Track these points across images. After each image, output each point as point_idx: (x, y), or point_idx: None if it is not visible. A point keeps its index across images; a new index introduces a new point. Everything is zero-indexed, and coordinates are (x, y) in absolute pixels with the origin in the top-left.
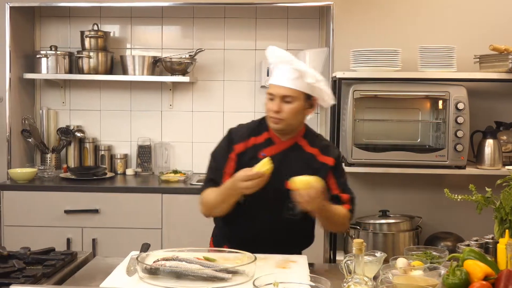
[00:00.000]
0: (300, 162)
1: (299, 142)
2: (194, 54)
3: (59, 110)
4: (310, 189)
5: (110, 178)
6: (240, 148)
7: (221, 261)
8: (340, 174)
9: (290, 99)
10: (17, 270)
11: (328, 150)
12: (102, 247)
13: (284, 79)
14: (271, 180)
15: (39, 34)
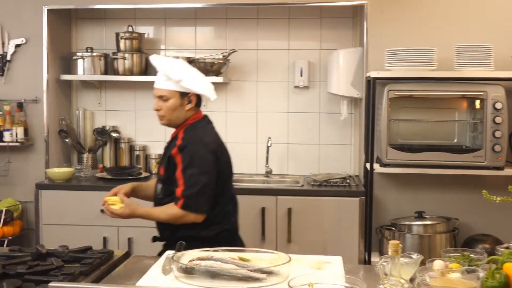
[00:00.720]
0: (169, 150)
1: (179, 134)
2: (228, 54)
3: (95, 111)
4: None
5: (144, 178)
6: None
7: (255, 261)
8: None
9: (166, 98)
10: (56, 268)
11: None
12: (138, 246)
13: (158, 82)
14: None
15: (75, 36)
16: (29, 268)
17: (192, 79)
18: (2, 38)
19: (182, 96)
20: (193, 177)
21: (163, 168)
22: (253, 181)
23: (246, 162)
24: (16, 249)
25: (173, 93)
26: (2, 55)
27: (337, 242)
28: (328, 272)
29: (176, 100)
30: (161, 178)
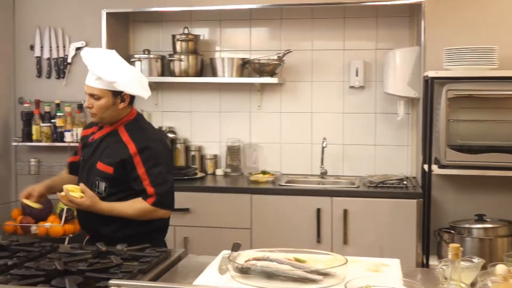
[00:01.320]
0: (112, 147)
1: (119, 130)
2: (282, 55)
3: (152, 112)
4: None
5: (200, 178)
6: (83, 133)
7: (311, 263)
8: (151, 165)
9: (97, 97)
10: (115, 266)
11: (137, 137)
12: (193, 245)
13: (90, 80)
14: (89, 160)
15: (133, 38)
16: (89, 265)
17: (125, 79)
18: (63, 41)
19: (115, 95)
20: (161, 175)
21: (112, 168)
22: (308, 182)
23: (301, 163)
24: (77, 246)
25: (105, 92)
26: (63, 58)
27: (394, 245)
28: (386, 275)
29: (108, 99)
30: (107, 176)
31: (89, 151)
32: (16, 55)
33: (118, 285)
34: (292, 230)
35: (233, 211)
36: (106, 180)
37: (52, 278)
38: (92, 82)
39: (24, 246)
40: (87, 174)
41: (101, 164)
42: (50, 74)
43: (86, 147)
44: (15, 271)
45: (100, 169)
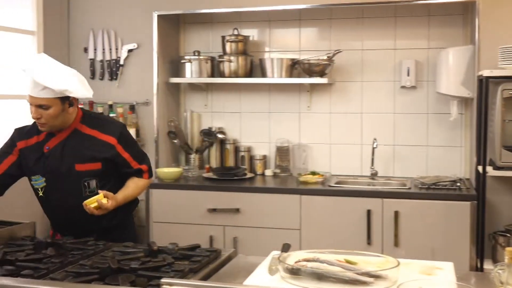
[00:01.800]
0: (83, 145)
1: (78, 128)
2: (332, 55)
3: (202, 113)
4: (96, 205)
5: (250, 179)
6: (22, 145)
7: (362, 265)
8: (131, 147)
9: (46, 107)
10: (167, 265)
11: (108, 129)
12: (242, 245)
13: (35, 91)
14: (61, 167)
15: (183, 40)
16: (142, 264)
17: (74, 84)
18: (116, 43)
19: (63, 101)
20: (139, 152)
21: (100, 163)
22: (358, 183)
23: (351, 164)
24: (130, 245)
25: (54, 101)
26: (116, 60)
27: (447, 248)
28: (439, 278)
29: (57, 107)
30: (95, 173)
31: (54, 160)
32: (71, 57)
33: (170, 283)
34: (342, 231)
35: (282, 211)
36: (95, 177)
37: (105, 276)
38: (37, 93)
39: (78, 244)
40: (64, 181)
41: (81, 165)
42: (103, 76)
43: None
44: (70, 268)
45: (83, 170)
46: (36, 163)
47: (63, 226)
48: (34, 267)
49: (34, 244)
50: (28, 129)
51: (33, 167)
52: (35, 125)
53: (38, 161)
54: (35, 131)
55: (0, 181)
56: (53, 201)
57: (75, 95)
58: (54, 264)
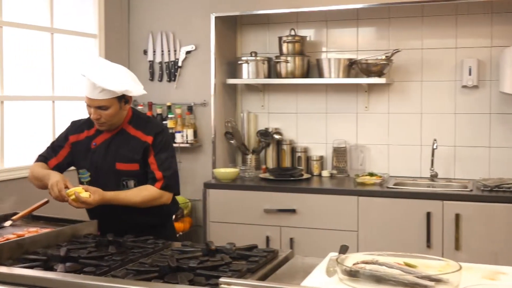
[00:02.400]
0: (126, 145)
1: (125, 128)
2: (391, 55)
3: (259, 113)
4: (74, 197)
5: (306, 180)
6: (74, 139)
7: (422, 268)
8: (158, 151)
9: (105, 107)
10: (224, 264)
11: (149, 130)
12: (299, 246)
13: (94, 93)
14: (103, 164)
15: (240, 41)
16: (200, 263)
17: (131, 84)
18: (174, 45)
19: (120, 100)
20: (167, 160)
21: (137, 164)
22: (417, 185)
23: (410, 165)
24: (188, 244)
25: (112, 101)
26: (174, 62)
27: (510, 252)
28: (503, 283)
29: (115, 106)
30: (134, 174)
31: (99, 156)
32: (131, 59)
33: (228, 283)
34: (400, 234)
35: (339, 213)
36: (133, 177)
37: (165, 274)
38: (96, 95)
39: (138, 242)
40: (105, 179)
41: (121, 165)
42: (162, 77)
43: (83, 152)
44: (131, 266)
45: (122, 169)
46: (84, 157)
47: (103, 223)
48: (96, 264)
49: (96, 242)
50: (81, 123)
51: (80, 161)
52: (88, 120)
53: (86, 155)
54: (86, 126)
55: (59, 170)
56: None
57: (133, 94)
58: (115, 262)
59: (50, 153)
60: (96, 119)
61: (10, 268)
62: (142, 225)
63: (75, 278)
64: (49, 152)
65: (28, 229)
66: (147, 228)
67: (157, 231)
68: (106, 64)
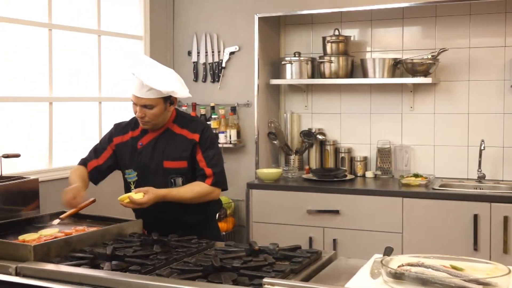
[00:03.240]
0: (172, 143)
1: (170, 127)
2: (437, 54)
3: (302, 114)
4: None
5: (350, 180)
6: (118, 140)
7: (469, 271)
8: (206, 148)
9: (150, 106)
10: (268, 265)
11: (194, 128)
12: (342, 247)
13: (142, 91)
14: (151, 163)
15: (283, 41)
16: (243, 263)
17: (177, 85)
18: (218, 46)
19: (165, 100)
20: (215, 157)
21: (185, 161)
22: (464, 187)
23: (456, 166)
24: (232, 244)
25: (158, 101)
26: (218, 63)
27: None
28: None
29: (161, 106)
30: (182, 171)
31: (146, 156)
32: (175, 60)
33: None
34: (446, 236)
35: (383, 214)
36: (181, 175)
37: (208, 274)
38: (144, 94)
39: (182, 242)
40: (153, 177)
41: (169, 163)
42: (206, 78)
43: (129, 153)
44: (175, 265)
45: (170, 167)
46: (130, 157)
47: (149, 221)
48: (141, 263)
49: (141, 241)
50: (124, 125)
51: (127, 161)
52: (132, 122)
53: (132, 156)
54: (130, 127)
55: (98, 172)
56: None
57: (179, 96)
58: (160, 261)
59: (91, 155)
60: (140, 118)
61: (58, 266)
62: (187, 223)
63: (121, 276)
64: (91, 154)
65: (75, 228)
66: (191, 227)
67: (201, 230)
68: (154, 64)
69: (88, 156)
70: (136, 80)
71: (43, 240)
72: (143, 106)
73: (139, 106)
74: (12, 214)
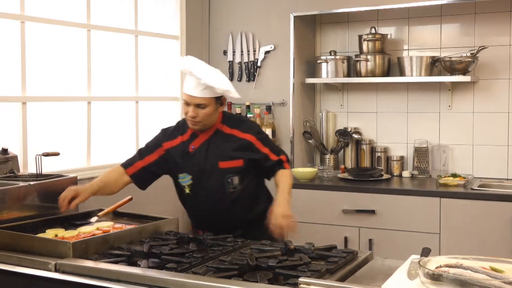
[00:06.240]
0: (225, 144)
1: (220, 128)
2: (476, 52)
3: (337, 113)
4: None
5: (386, 180)
6: (168, 145)
7: (509, 273)
8: (268, 141)
9: (203, 106)
10: (303, 264)
11: (245, 128)
12: (378, 247)
13: (197, 90)
14: (206, 165)
15: (319, 40)
16: (279, 262)
17: (231, 85)
18: (254, 45)
19: (217, 100)
20: (275, 145)
21: (242, 160)
22: (504, 187)
23: (495, 166)
24: (267, 243)
25: (211, 100)
26: (253, 62)
27: None
28: None
29: (212, 106)
30: (238, 170)
31: (200, 158)
32: (211, 60)
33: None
34: (485, 237)
35: (421, 214)
36: (237, 173)
37: (244, 272)
38: (198, 93)
39: (218, 240)
40: (208, 179)
41: (224, 163)
42: (241, 77)
43: (181, 157)
44: (211, 263)
45: (226, 167)
46: (182, 162)
47: (207, 222)
48: (177, 261)
49: (177, 239)
50: (172, 130)
51: (180, 166)
52: (179, 126)
53: (184, 160)
54: (179, 132)
55: (143, 173)
56: (200, 197)
57: (232, 95)
58: (196, 259)
59: (136, 157)
60: (192, 117)
61: (96, 263)
62: (238, 221)
63: (158, 273)
64: (136, 156)
65: (113, 225)
66: (242, 225)
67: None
68: (205, 64)
69: (132, 158)
70: (189, 80)
71: (82, 237)
72: (196, 106)
73: (192, 105)
74: (51, 212)
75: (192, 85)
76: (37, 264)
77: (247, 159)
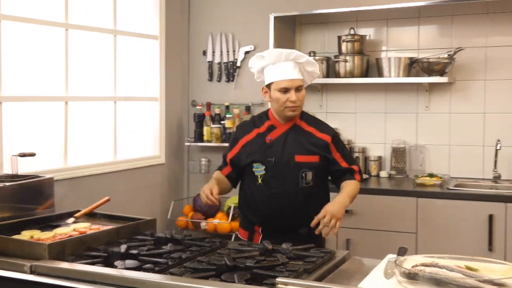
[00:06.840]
0: (303, 138)
1: (298, 123)
2: (453, 53)
3: (317, 113)
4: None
5: (364, 180)
6: (245, 140)
7: (484, 272)
8: (342, 148)
9: (301, 88)
10: (281, 264)
11: (322, 128)
12: (355, 247)
13: (295, 73)
14: (282, 158)
15: (299, 40)
16: (256, 262)
17: None
18: (233, 46)
19: None
20: (349, 154)
21: (318, 156)
22: (480, 186)
23: (471, 166)
24: (245, 243)
25: (303, 82)
26: (233, 62)
27: None
28: None
29: (304, 89)
30: (313, 165)
31: (276, 150)
32: (190, 60)
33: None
34: (461, 236)
35: (398, 214)
36: (312, 169)
37: (221, 273)
38: (296, 75)
39: (196, 241)
40: (282, 171)
41: (300, 157)
42: (221, 77)
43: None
44: (188, 264)
45: (302, 161)
46: (258, 152)
47: (273, 216)
48: (154, 261)
49: (155, 240)
50: (247, 124)
51: (256, 155)
52: (253, 120)
53: (261, 150)
54: (254, 125)
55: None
56: (272, 189)
57: (317, 76)
58: (173, 260)
59: (222, 164)
60: (293, 102)
61: (72, 264)
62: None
63: (135, 274)
64: (222, 163)
65: (90, 226)
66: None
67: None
68: None
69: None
70: (281, 67)
71: (58, 238)
72: (296, 90)
73: (293, 90)
74: (27, 213)
75: (287, 69)
76: (12, 266)
77: (323, 155)
